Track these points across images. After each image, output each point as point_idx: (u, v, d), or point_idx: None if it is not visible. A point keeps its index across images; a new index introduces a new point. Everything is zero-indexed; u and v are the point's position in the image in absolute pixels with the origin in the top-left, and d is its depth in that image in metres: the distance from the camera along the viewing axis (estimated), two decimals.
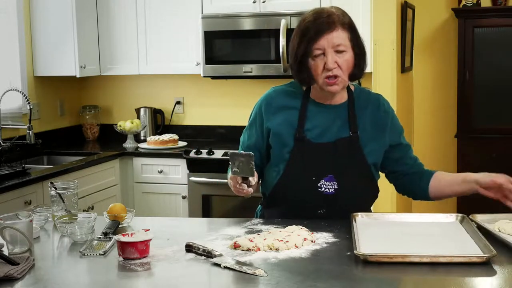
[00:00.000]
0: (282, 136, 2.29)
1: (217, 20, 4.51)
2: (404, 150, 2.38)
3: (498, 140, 4.92)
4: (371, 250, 1.84)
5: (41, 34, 4.64)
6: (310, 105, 2.30)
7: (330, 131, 2.28)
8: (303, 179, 2.26)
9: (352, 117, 2.29)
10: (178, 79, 5.03)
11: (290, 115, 2.30)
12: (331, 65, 2.17)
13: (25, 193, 3.58)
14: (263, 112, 2.34)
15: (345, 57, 2.19)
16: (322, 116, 2.29)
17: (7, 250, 1.98)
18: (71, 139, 5.07)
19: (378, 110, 2.33)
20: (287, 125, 2.29)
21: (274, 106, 2.33)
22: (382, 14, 4.09)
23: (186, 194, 4.43)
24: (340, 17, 2.20)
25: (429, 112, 5.21)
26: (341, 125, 2.29)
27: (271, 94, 2.36)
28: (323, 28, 2.17)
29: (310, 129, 2.28)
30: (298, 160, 2.27)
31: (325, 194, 2.26)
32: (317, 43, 2.17)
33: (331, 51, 2.17)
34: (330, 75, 2.19)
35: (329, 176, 2.25)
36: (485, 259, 1.79)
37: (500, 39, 4.90)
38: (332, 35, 2.17)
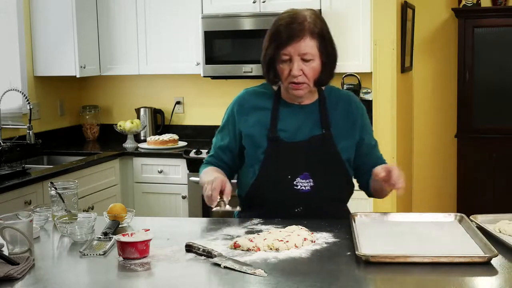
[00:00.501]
0: (255, 138, 2.32)
1: (217, 20, 4.51)
2: (370, 147, 2.39)
3: (498, 140, 4.91)
4: (372, 251, 1.84)
5: (41, 34, 4.64)
6: (282, 106, 2.33)
7: (303, 130, 2.30)
8: (279, 179, 2.27)
9: (324, 115, 2.32)
10: (178, 79, 5.03)
11: (262, 116, 2.32)
12: (296, 73, 2.20)
13: (25, 193, 3.58)
14: (235, 114, 2.37)
15: (311, 65, 2.22)
16: (294, 116, 2.32)
17: (7, 250, 1.98)
18: (71, 139, 5.06)
19: (350, 107, 2.36)
20: (260, 126, 2.32)
21: (246, 107, 2.36)
22: (382, 14, 4.09)
23: (186, 194, 4.43)
24: (311, 25, 2.21)
25: (429, 112, 5.20)
26: (313, 124, 2.31)
27: (243, 96, 2.40)
28: (292, 36, 2.19)
29: (283, 129, 2.30)
30: (272, 160, 2.29)
31: (301, 192, 2.27)
32: (285, 49, 2.20)
33: (297, 58, 2.20)
34: (295, 82, 2.22)
35: (305, 174, 2.27)
36: (486, 259, 1.79)
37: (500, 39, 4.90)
38: (300, 44, 2.19)
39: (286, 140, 2.29)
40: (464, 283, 1.70)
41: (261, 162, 2.30)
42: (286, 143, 2.29)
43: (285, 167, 2.28)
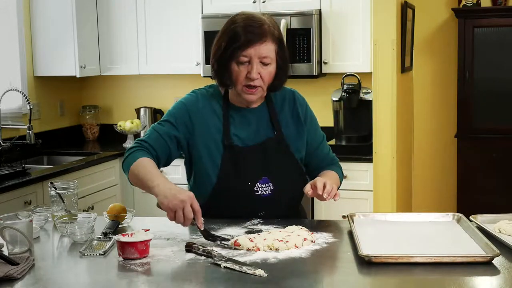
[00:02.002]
0: (211, 145, 2.26)
1: (217, 20, 4.51)
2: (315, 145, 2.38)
3: (498, 140, 4.91)
4: (372, 251, 1.84)
5: (41, 34, 4.64)
6: (231, 110, 2.30)
7: (255, 134, 2.29)
8: (239, 186, 2.24)
9: (273, 117, 2.31)
10: (178, 79, 5.03)
11: (215, 122, 2.28)
12: (255, 76, 2.18)
13: (25, 193, 3.58)
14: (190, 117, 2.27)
15: (268, 69, 2.21)
16: (245, 120, 2.30)
17: (7, 250, 1.98)
18: (71, 139, 5.07)
19: (295, 104, 2.35)
20: (214, 133, 2.27)
21: (201, 110, 2.29)
22: (382, 14, 4.09)
23: None
24: (271, 28, 2.20)
25: (429, 112, 5.20)
26: (265, 126, 2.31)
27: (197, 99, 2.31)
28: (254, 38, 2.17)
29: (236, 134, 2.28)
30: (230, 167, 2.26)
31: (263, 196, 2.26)
32: (246, 51, 2.17)
33: (257, 61, 2.18)
34: (251, 85, 2.20)
35: (264, 178, 2.26)
36: (488, 258, 1.79)
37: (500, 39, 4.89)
38: (261, 46, 2.17)
39: (241, 145, 2.27)
40: (465, 283, 1.70)
41: (218, 171, 2.26)
42: (242, 148, 2.27)
43: (244, 173, 2.25)
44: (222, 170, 2.26)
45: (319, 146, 2.39)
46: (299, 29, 4.30)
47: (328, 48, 4.42)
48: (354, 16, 4.34)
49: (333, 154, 2.45)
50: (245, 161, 2.26)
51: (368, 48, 4.29)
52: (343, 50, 4.41)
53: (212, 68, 2.28)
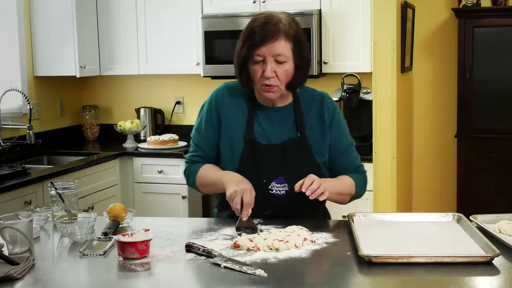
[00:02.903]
0: (233, 137, 2.29)
1: (217, 20, 4.51)
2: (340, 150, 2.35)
3: (498, 140, 4.91)
4: (372, 251, 1.84)
5: (41, 34, 4.64)
6: (257, 108, 2.32)
7: (278, 133, 2.29)
8: (254, 182, 2.24)
9: (298, 118, 2.30)
10: (178, 79, 5.03)
11: (239, 115, 2.31)
12: (269, 74, 2.19)
13: (25, 193, 3.58)
14: (215, 108, 2.33)
15: (284, 67, 2.20)
16: (269, 118, 2.31)
17: (7, 250, 1.98)
18: (71, 139, 5.06)
19: (322, 108, 2.33)
20: (237, 126, 2.30)
21: (226, 103, 2.33)
22: (382, 14, 4.09)
23: (186, 194, 4.43)
24: (286, 27, 2.20)
25: (429, 112, 5.20)
26: (289, 127, 2.30)
27: (222, 91, 2.37)
28: (267, 36, 2.17)
29: (259, 131, 2.29)
30: (249, 162, 2.27)
31: (276, 196, 2.26)
32: (259, 50, 2.18)
33: (271, 59, 2.18)
34: (267, 84, 2.20)
35: (279, 178, 2.26)
36: (488, 258, 1.79)
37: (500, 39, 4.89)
38: (274, 45, 2.17)
39: (262, 142, 2.28)
40: (465, 283, 1.70)
41: (237, 164, 2.28)
42: (262, 145, 2.27)
43: (260, 171, 2.26)
44: (240, 165, 2.28)
45: (343, 153, 2.36)
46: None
47: (328, 48, 4.42)
48: (354, 16, 4.34)
49: (359, 163, 2.40)
50: (263, 159, 2.27)
51: (368, 48, 4.29)
52: (343, 50, 4.41)
53: (235, 69, 2.31)
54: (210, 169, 2.34)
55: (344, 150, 2.36)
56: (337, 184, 2.28)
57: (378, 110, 4.10)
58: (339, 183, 2.29)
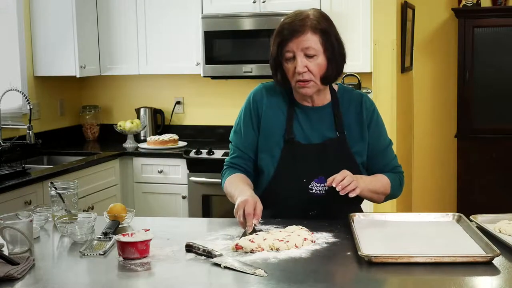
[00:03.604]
0: (273, 136, 2.29)
1: (217, 20, 4.51)
2: (378, 150, 2.35)
3: (498, 140, 4.92)
4: (372, 251, 1.84)
5: (41, 34, 4.64)
6: (296, 107, 2.31)
7: (317, 133, 2.29)
8: (294, 182, 2.25)
9: (337, 118, 2.30)
10: (178, 79, 5.03)
11: (278, 115, 2.31)
12: (301, 69, 2.18)
13: (25, 193, 3.58)
14: (254, 108, 2.33)
15: (316, 61, 2.19)
16: (308, 118, 2.30)
17: (7, 250, 1.98)
18: (71, 139, 5.06)
19: (361, 108, 2.33)
20: (277, 125, 2.30)
21: (264, 102, 2.33)
22: (382, 14, 4.09)
23: (186, 194, 4.43)
24: (313, 21, 2.19)
25: (429, 112, 5.20)
26: (327, 126, 2.29)
27: (261, 91, 2.36)
28: (293, 31, 2.18)
29: (298, 130, 2.29)
30: (288, 162, 2.27)
31: (316, 195, 2.25)
32: (288, 46, 2.19)
33: (300, 54, 2.18)
34: (301, 79, 2.20)
35: (320, 178, 2.25)
36: (489, 258, 1.79)
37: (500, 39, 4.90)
38: (301, 39, 2.17)
39: (302, 142, 2.27)
40: (465, 283, 1.70)
41: (277, 163, 2.28)
42: (302, 145, 2.27)
43: (300, 170, 2.25)
44: (280, 164, 2.27)
45: (381, 153, 2.34)
46: None
47: None
48: (354, 16, 4.34)
49: (397, 164, 2.38)
50: (303, 158, 2.26)
51: (368, 48, 4.29)
52: None
53: (271, 69, 2.30)
54: (235, 182, 2.30)
55: (382, 150, 2.35)
56: (372, 182, 2.25)
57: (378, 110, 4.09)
58: (374, 181, 2.27)
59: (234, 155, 2.39)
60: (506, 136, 4.89)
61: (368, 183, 2.23)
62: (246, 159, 2.37)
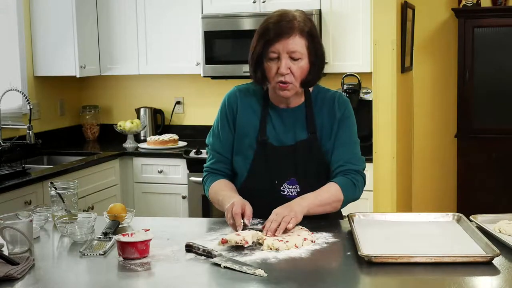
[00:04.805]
0: (246, 138, 2.29)
1: (217, 20, 4.51)
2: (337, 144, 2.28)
3: (498, 140, 4.91)
4: (372, 251, 1.84)
5: (41, 34, 4.64)
6: (270, 108, 2.31)
7: (289, 134, 2.29)
8: (266, 183, 2.25)
9: (309, 119, 2.29)
10: (178, 79, 5.03)
11: (252, 117, 2.31)
12: (284, 71, 2.18)
13: (25, 193, 3.58)
14: (230, 111, 2.34)
15: (299, 64, 2.19)
16: (281, 119, 2.30)
17: (7, 250, 1.98)
18: (71, 139, 5.07)
19: (333, 106, 2.31)
20: (250, 127, 2.30)
21: (238, 105, 2.33)
22: (382, 14, 4.09)
23: (186, 194, 4.43)
24: (301, 23, 2.20)
25: (429, 112, 5.20)
26: (300, 127, 2.29)
27: (234, 93, 2.36)
28: (281, 33, 2.17)
29: (271, 132, 2.28)
30: (261, 164, 2.27)
31: (288, 197, 2.24)
32: (273, 47, 2.18)
33: (285, 56, 2.18)
34: (282, 81, 2.19)
35: (291, 180, 2.26)
36: (489, 258, 1.79)
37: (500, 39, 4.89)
38: (289, 41, 2.17)
39: (274, 144, 2.28)
40: (465, 282, 1.70)
41: (249, 165, 2.29)
42: (274, 147, 2.27)
43: (272, 172, 2.26)
44: (252, 166, 2.28)
45: (340, 146, 2.27)
46: None
47: (328, 48, 4.42)
48: (354, 16, 4.34)
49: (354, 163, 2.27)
50: (275, 160, 2.26)
51: (368, 48, 4.29)
52: (343, 50, 4.40)
53: (249, 67, 2.28)
54: (220, 189, 2.30)
55: (342, 143, 2.28)
56: (317, 197, 2.18)
57: (378, 110, 4.10)
58: (319, 195, 2.19)
59: (213, 160, 2.39)
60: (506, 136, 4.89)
61: (312, 200, 2.16)
62: (227, 162, 2.37)
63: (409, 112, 5.01)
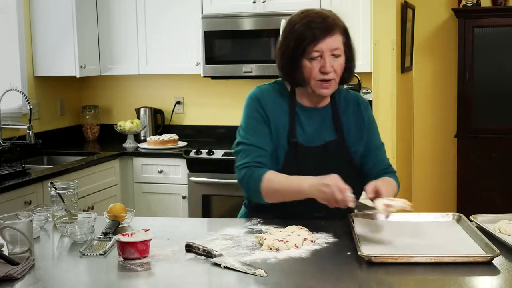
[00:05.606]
0: (278, 138, 2.27)
1: (217, 20, 4.51)
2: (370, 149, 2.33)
3: (498, 140, 4.92)
4: (372, 251, 1.84)
5: (41, 34, 4.64)
6: (297, 108, 2.30)
7: (318, 135, 2.28)
8: None
9: (336, 119, 2.30)
10: (178, 79, 5.03)
11: (282, 116, 2.28)
12: (328, 69, 2.18)
13: (25, 193, 3.58)
14: (265, 108, 2.27)
15: (339, 61, 2.21)
16: (309, 119, 2.29)
17: (7, 250, 1.98)
18: (71, 139, 5.07)
19: (359, 108, 2.34)
20: (282, 126, 2.28)
21: (269, 104, 2.29)
22: (382, 14, 4.09)
23: (186, 194, 4.43)
24: (336, 20, 2.21)
25: (429, 112, 5.20)
26: (327, 128, 2.29)
27: (262, 93, 2.31)
28: (324, 32, 2.17)
29: (300, 133, 2.27)
30: (292, 164, 2.25)
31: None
32: (317, 46, 2.17)
33: (328, 54, 2.18)
34: (326, 79, 2.19)
35: None
36: (489, 258, 1.79)
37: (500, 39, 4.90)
38: (331, 39, 2.18)
39: (305, 144, 2.26)
40: (465, 283, 1.70)
41: (281, 166, 2.25)
42: (305, 147, 2.26)
43: (304, 173, 2.21)
44: (284, 167, 2.25)
45: (376, 150, 2.34)
46: None
47: None
48: (354, 16, 4.33)
49: (391, 168, 2.36)
50: (307, 161, 2.25)
51: (368, 48, 4.29)
52: None
53: (282, 69, 2.26)
54: (279, 175, 2.19)
55: (376, 148, 2.34)
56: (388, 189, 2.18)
57: (378, 110, 4.10)
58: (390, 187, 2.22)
59: (254, 155, 2.24)
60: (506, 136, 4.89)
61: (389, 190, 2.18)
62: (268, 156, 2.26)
63: (409, 112, 5.01)
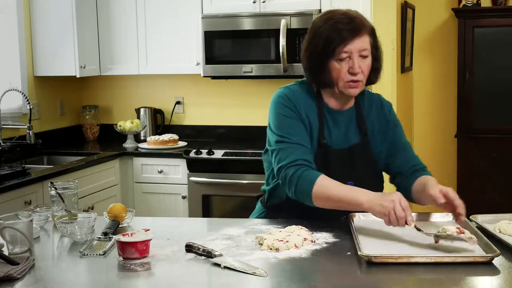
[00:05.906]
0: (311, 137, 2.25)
1: (217, 20, 4.51)
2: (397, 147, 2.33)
3: (498, 140, 4.92)
4: (373, 251, 1.84)
5: (41, 34, 4.64)
6: (325, 109, 2.28)
7: (344, 137, 2.28)
8: None
9: (360, 121, 2.30)
10: (178, 79, 5.03)
11: (313, 117, 2.26)
12: (357, 70, 2.18)
13: (25, 193, 3.58)
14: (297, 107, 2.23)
15: (367, 62, 2.21)
16: (336, 122, 2.29)
17: (7, 250, 1.98)
18: (71, 139, 5.06)
19: (382, 109, 2.35)
20: (313, 127, 2.25)
21: (301, 104, 2.26)
22: (382, 14, 4.09)
23: (186, 194, 4.43)
24: (363, 21, 2.21)
25: (429, 112, 5.21)
26: (352, 130, 2.29)
27: (292, 92, 2.27)
28: (353, 32, 2.16)
29: (328, 134, 2.27)
30: (321, 166, 2.21)
31: None
32: (346, 47, 2.16)
33: (357, 55, 2.18)
34: (354, 80, 2.19)
35: (349, 183, 2.19)
36: (489, 258, 1.79)
37: (500, 39, 4.90)
38: (360, 40, 2.17)
39: (333, 146, 2.25)
40: (465, 283, 1.70)
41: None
42: (333, 150, 2.25)
43: (333, 175, 2.17)
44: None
45: (404, 148, 2.33)
46: (299, 29, 4.30)
47: None
48: None
49: (423, 165, 2.34)
50: (335, 163, 2.24)
51: None
52: None
53: (309, 71, 2.24)
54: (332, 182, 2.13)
55: (404, 146, 2.34)
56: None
57: None
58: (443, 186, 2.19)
59: (300, 151, 2.19)
60: (506, 136, 4.90)
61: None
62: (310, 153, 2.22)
63: (409, 112, 5.01)
